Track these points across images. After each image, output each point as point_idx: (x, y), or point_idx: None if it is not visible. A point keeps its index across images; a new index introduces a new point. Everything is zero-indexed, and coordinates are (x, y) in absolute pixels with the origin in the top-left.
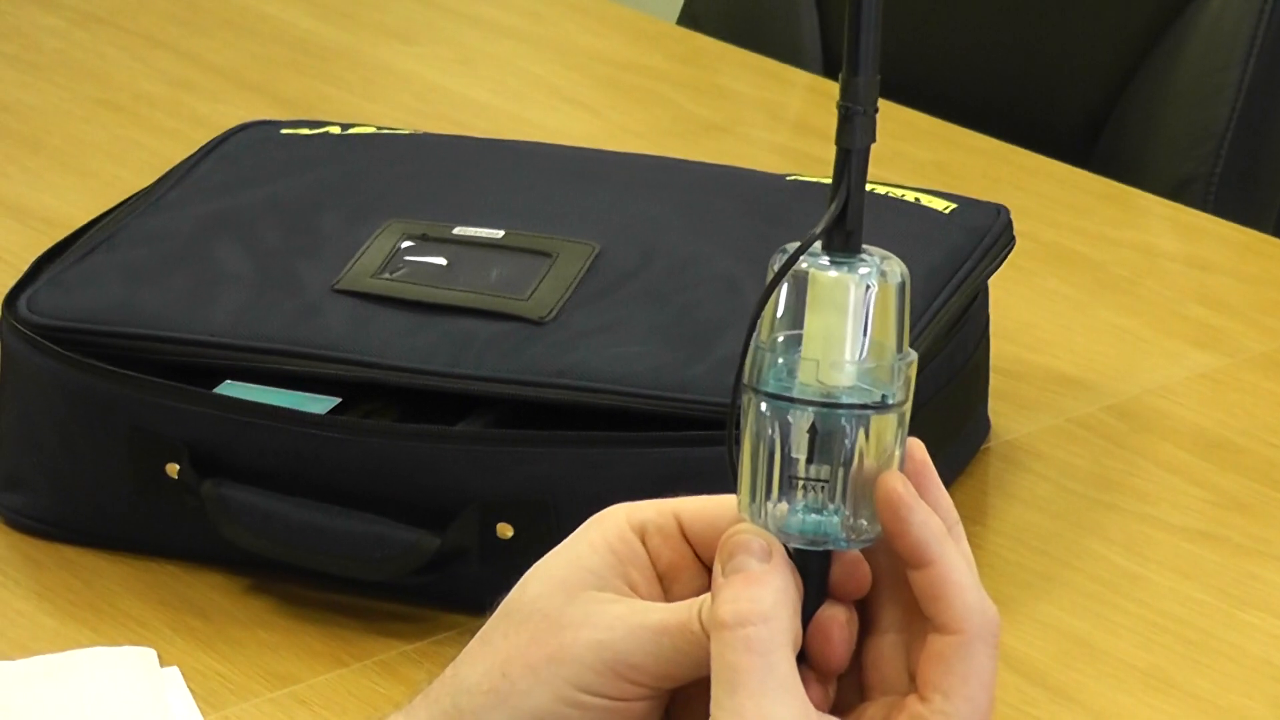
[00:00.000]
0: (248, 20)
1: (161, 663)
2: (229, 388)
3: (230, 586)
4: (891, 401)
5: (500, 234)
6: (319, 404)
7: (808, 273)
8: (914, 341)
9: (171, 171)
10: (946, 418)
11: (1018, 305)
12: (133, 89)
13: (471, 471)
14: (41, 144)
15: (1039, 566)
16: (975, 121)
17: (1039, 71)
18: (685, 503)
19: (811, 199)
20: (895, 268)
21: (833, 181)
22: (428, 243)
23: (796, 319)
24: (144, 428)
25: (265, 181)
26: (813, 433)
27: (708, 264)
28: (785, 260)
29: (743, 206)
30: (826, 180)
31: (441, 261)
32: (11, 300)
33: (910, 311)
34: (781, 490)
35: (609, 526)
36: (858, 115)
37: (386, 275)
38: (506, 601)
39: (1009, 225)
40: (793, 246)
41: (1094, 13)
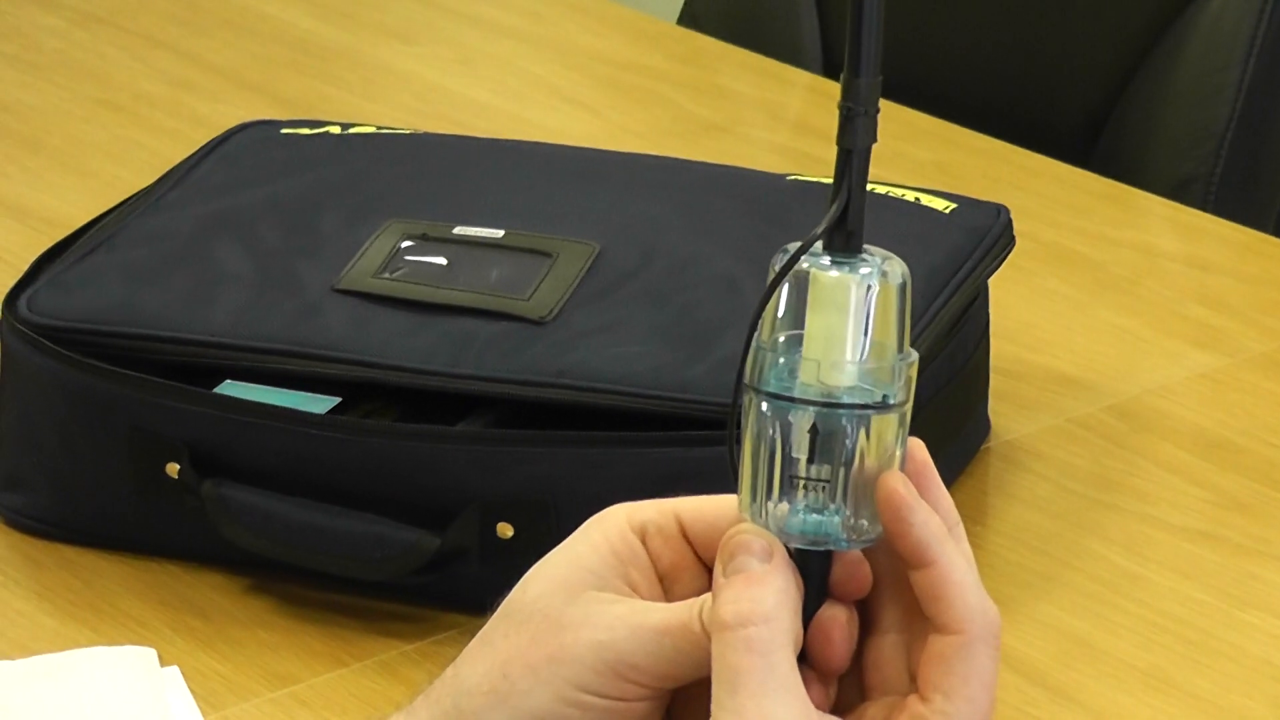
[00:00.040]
0: (248, 20)
1: (161, 663)
2: (229, 388)
3: (230, 586)
4: (892, 402)
5: (500, 234)
6: (319, 404)
7: (809, 273)
8: (914, 341)
9: (171, 171)
10: (947, 418)
11: (1018, 305)
12: (133, 89)
13: (472, 471)
14: (41, 144)
15: (1039, 566)
16: (975, 121)
17: (1039, 71)
18: (686, 503)
19: (812, 199)
20: (896, 268)
21: (834, 182)
22: (428, 243)
23: (798, 319)
24: (144, 428)
25: (265, 181)
26: (814, 433)
27: (708, 264)
28: (786, 260)
29: (743, 206)
30: (827, 180)
31: (442, 261)
32: (12, 300)
33: (911, 312)
34: (782, 490)
35: (609, 527)
36: (859, 116)
37: (387, 275)
38: (507, 602)
39: (1009, 225)
40: (794, 246)
41: (1094, 13)
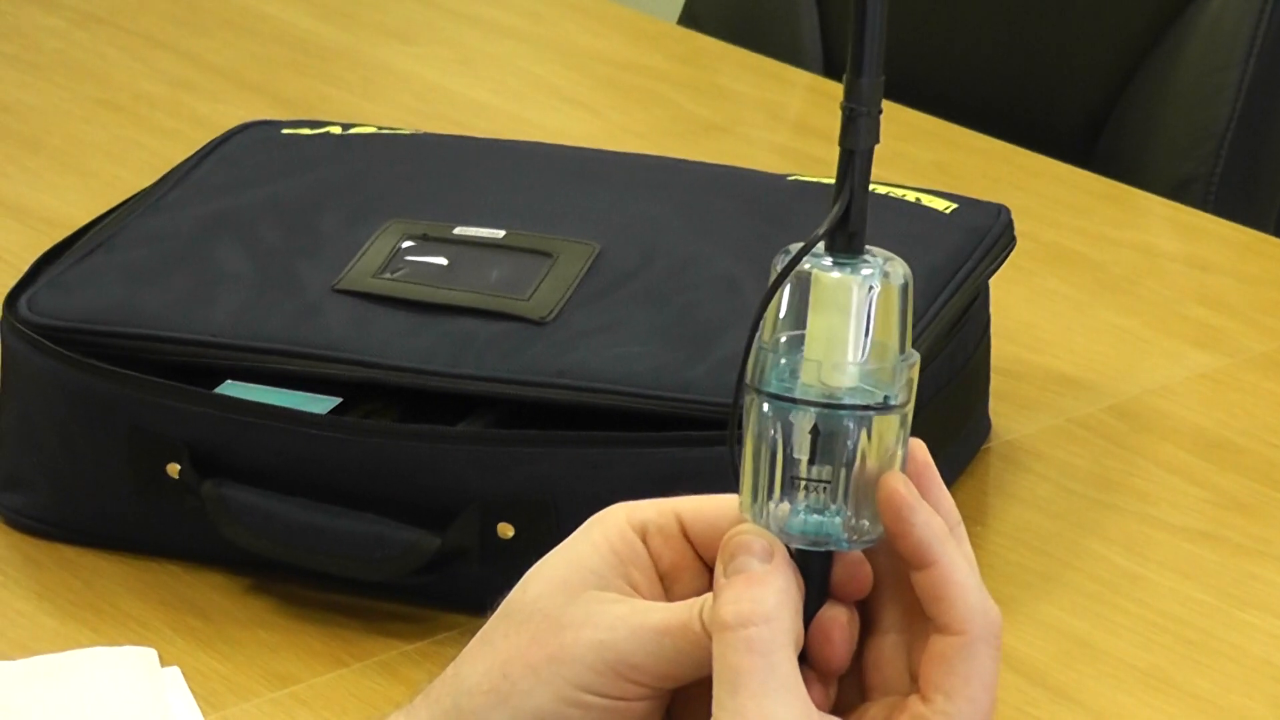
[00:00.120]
0: (248, 20)
1: (162, 663)
2: (229, 388)
3: (231, 586)
4: (894, 402)
5: (501, 234)
6: (319, 404)
7: (810, 273)
8: (915, 342)
9: (172, 172)
10: (947, 418)
11: (1018, 305)
12: (133, 89)
13: (472, 471)
14: (41, 144)
15: (1039, 566)
16: (976, 121)
17: (1039, 71)
18: (686, 502)
19: (812, 199)
20: (898, 269)
21: (836, 182)
22: (428, 243)
23: (799, 319)
24: (144, 428)
25: (266, 181)
26: (815, 433)
27: (708, 264)
28: (788, 261)
29: (743, 207)
30: (827, 180)
31: (442, 261)
32: (12, 300)
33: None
34: (783, 491)
35: (610, 526)
36: (861, 116)
37: (387, 275)
38: (507, 601)
39: (1009, 225)
40: (796, 247)
41: (1094, 13)
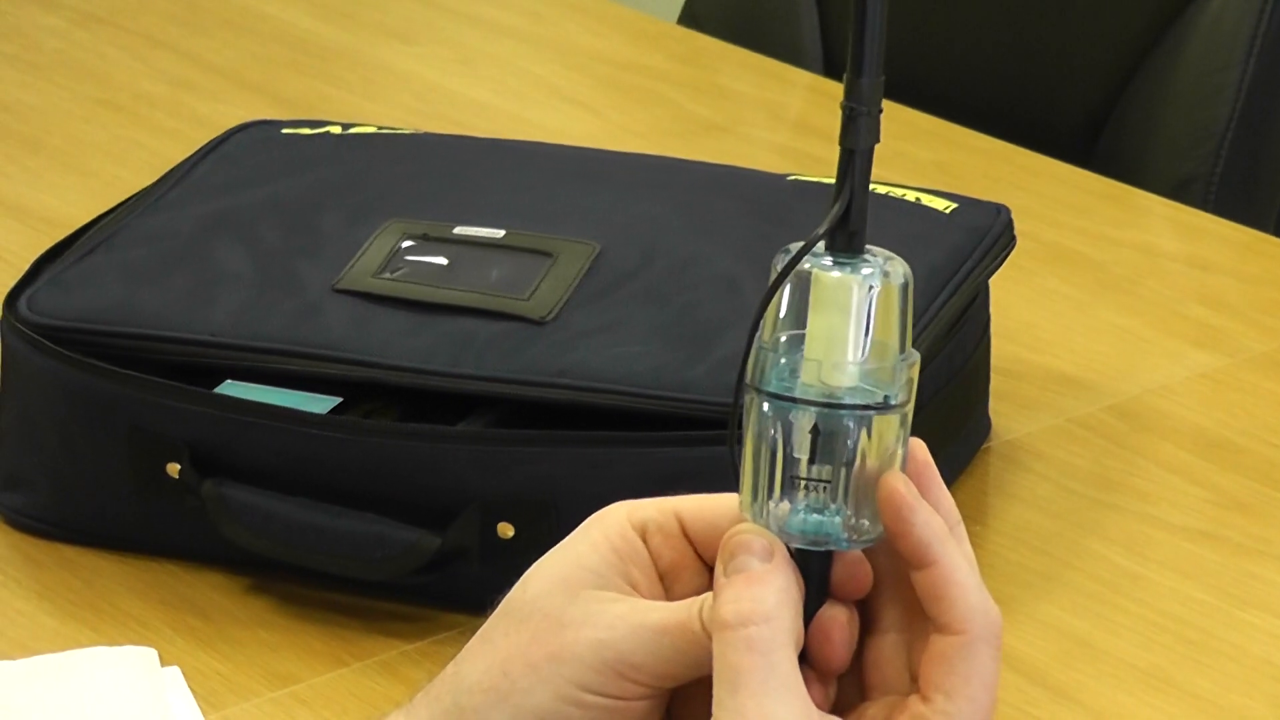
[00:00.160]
0: (248, 20)
1: (162, 662)
2: (229, 387)
3: (231, 586)
4: (894, 402)
5: (501, 234)
6: (320, 404)
7: (810, 273)
8: (915, 341)
9: (172, 171)
10: (947, 417)
11: (1018, 305)
12: (133, 89)
13: (472, 471)
14: (41, 144)
15: (1039, 566)
16: (976, 121)
17: (1039, 71)
18: (686, 501)
19: (812, 199)
20: (898, 268)
21: (836, 182)
22: (428, 242)
23: (799, 319)
24: (144, 428)
25: (265, 181)
26: (815, 433)
27: (708, 264)
28: (789, 260)
29: (743, 206)
30: (827, 180)
31: (442, 261)
32: (12, 300)
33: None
34: (783, 490)
35: (610, 525)
36: (862, 116)
37: (387, 275)
38: (507, 600)
39: (1009, 225)
40: (796, 246)
41: (1094, 13)
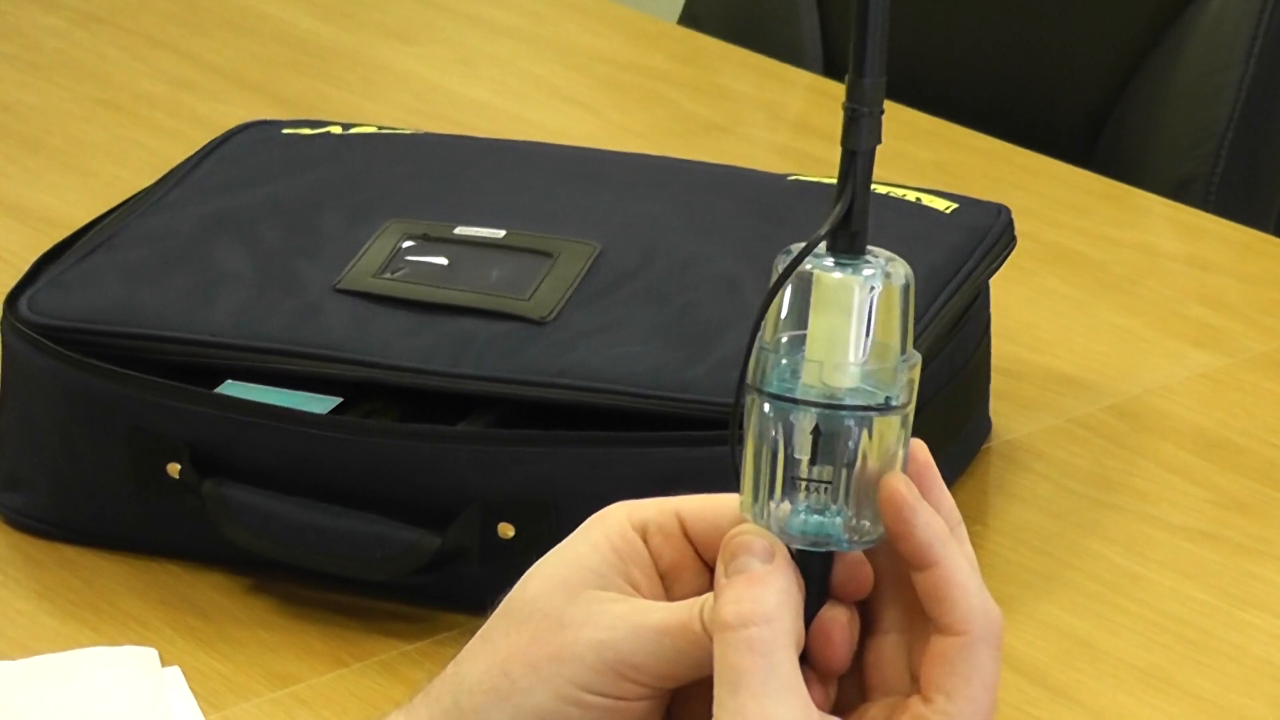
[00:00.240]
0: (248, 20)
1: (162, 662)
2: (230, 387)
3: (231, 586)
4: (895, 403)
5: (501, 234)
6: (320, 404)
7: (812, 274)
8: (915, 341)
9: (172, 171)
10: (947, 417)
11: (1019, 305)
12: (133, 89)
13: (472, 471)
14: (41, 144)
15: (1039, 566)
16: (976, 121)
17: (1039, 71)
18: (686, 501)
19: (812, 199)
20: (899, 269)
21: (838, 183)
22: (429, 242)
23: (800, 320)
24: (144, 428)
25: (266, 181)
26: (816, 434)
27: (708, 264)
28: (790, 261)
29: (743, 206)
30: (827, 180)
31: (442, 261)
32: (12, 300)
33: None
34: (784, 491)
35: (610, 525)
36: (863, 117)
37: (387, 275)
38: (508, 600)
39: (1010, 225)
40: (797, 247)
41: (1094, 13)
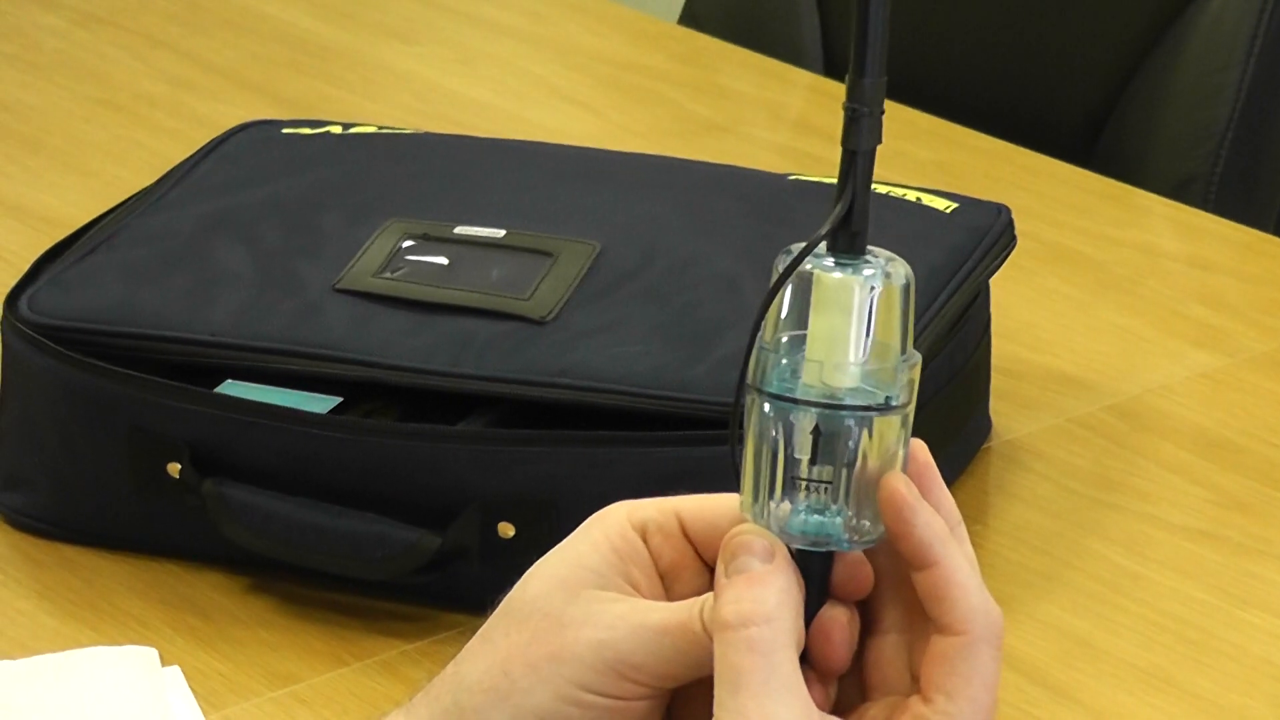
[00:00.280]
0: (248, 20)
1: (162, 662)
2: (230, 387)
3: (231, 586)
4: (895, 403)
5: (501, 233)
6: (320, 404)
7: (812, 274)
8: (915, 341)
9: (172, 171)
10: (947, 417)
11: (1019, 305)
12: (133, 89)
13: (473, 471)
14: (41, 144)
15: (1040, 566)
16: (976, 121)
17: (1039, 71)
18: (686, 501)
19: (813, 199)
20: (900, 269)
21: (838, 183)
22: (429, 242)
23: (800, 320)
24: (145, 427)
25: (266, 181)
26: (816, 434)
27: (708, 264)
28: (790, 261)
29: (744, 206)
30: (828, 180)
31: (442, 261)
32: (12, 300)
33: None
34: (784, 491)
35: (610, 525)
36: (864, 117)
37: (387, 275)
38: (508, 599)
39: (1010, 225)
40: (798, 247)
41: (1094, 13)
